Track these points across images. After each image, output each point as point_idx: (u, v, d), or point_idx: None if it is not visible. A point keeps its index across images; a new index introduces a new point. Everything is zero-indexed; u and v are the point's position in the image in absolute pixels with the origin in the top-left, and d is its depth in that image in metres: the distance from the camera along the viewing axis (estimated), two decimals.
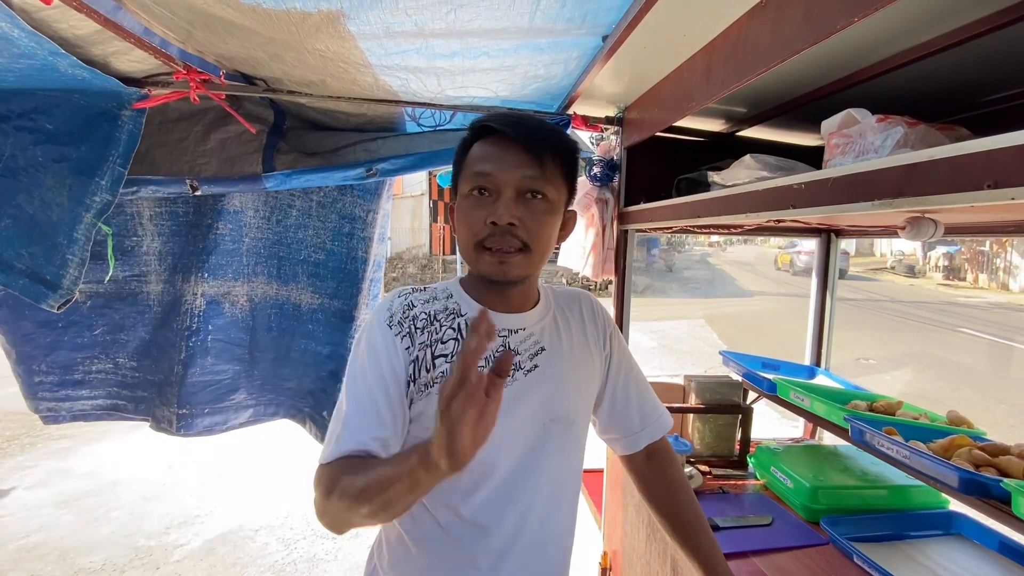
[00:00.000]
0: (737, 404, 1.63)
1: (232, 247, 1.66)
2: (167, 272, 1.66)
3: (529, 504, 0.77)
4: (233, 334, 1.70)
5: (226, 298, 1.68)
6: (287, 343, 1.77)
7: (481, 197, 0.72)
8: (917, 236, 0.81)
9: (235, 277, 1.68)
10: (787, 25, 0.81)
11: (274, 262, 1.74)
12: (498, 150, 0.72)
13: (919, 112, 0.79)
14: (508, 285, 0.76)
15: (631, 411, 0.91)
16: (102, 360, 1.67)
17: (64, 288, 1.23)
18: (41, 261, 1.22)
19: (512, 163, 0.71)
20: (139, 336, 1.68)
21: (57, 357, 1.62)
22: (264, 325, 1.75)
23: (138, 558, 2.54)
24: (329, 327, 1.76)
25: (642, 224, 1.50)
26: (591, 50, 1.17)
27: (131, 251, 1.63)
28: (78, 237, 1.23)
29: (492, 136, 0.73)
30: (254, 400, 1.79)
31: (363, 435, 0.68)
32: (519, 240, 0.71)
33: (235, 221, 1.66)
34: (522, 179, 0.71)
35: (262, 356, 1.77)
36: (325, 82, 1.34)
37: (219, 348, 1.68)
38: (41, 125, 1.24)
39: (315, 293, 1.76)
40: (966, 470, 0.87)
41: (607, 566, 1.73)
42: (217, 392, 1.69)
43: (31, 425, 4.09)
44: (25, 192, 1.22)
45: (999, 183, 0.50)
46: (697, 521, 0.89)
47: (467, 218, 0.73)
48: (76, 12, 0.94)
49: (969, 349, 7.60)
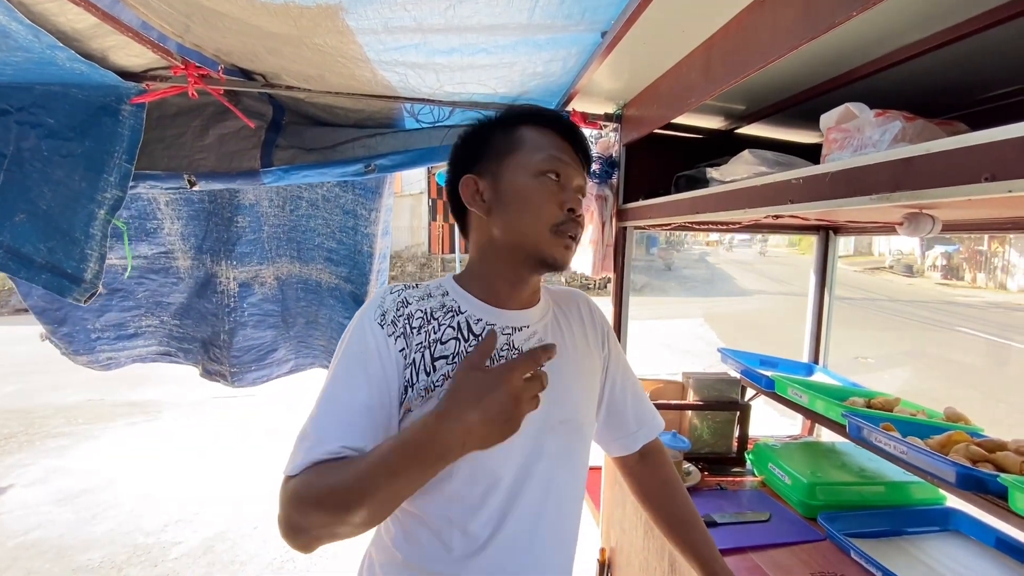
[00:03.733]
0: (735, 401, 1.63)
1: (253, 237, 1.83)
2: (193, 250, 1.82)
3: (540, 515, 0.73)
4: (266, 307, 1.93)
5: (255, 280, 1.88)
6: (315, 311, 1.95)
7: (556, 181, 0.72)
8: (915, 232, 0.82)
9: (260, 262, 1.87)
10: (785, 20, 0.81)
11: (293, 245, 1.89)
12: (563, 142, 0.75)
13: (918, 108, 0.79)
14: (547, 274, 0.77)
15: (627, 413, 0.91)
16: (149, 317, 1.86)
17: (87, 282, 1.25)
18: (60, 256, 1.23)
19: (576, 160, 0.75)
20: (178, 300, 1.87)
21: (109, 318, 1.79)
22: (293, 297, 1.95)
23: (136, 555, 2.54)
24: (346, 304, 1.91)
25: (641, 221, 1.50)
26: (590, 46, 1.17)
27: (155, 232, 1.76)
28: (94, 233, 1.25)
29: (546, 128, 0.75)
30: (293, 355, 2.03)
31: (335, 444, 0.62)
32: (580, 229, 0.74)
33: (252, 213, 1.80)
34: (582, 177, 0.76)
35: (294, 321, 1.98)
36: (324, 77, 1.34)
37: (256, 320, 1.91)
38: (42, 119, 1.23)
39: (332, 274, 1.90)
40: (963, 465, 0.87)
41: (605, 562, 1.73)
42: (260, 353, 1.95)
43: (29, 423, 4.09)
44: (36, 187, 1.23)
45: (996, 176, 0.50)
46: (692, 519, 0.89)
47: (538, 197, 0.71)
48: (74, 5, 0.94)
49: (967, 348, 7.62)
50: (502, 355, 0.73)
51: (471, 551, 0.70)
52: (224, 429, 4.15)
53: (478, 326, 0.72)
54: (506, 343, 0.74)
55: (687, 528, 0.88)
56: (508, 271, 0.74)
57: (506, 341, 0.74)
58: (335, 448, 0.62)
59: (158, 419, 4.32)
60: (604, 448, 0.95)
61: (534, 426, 0.71)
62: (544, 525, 0.74)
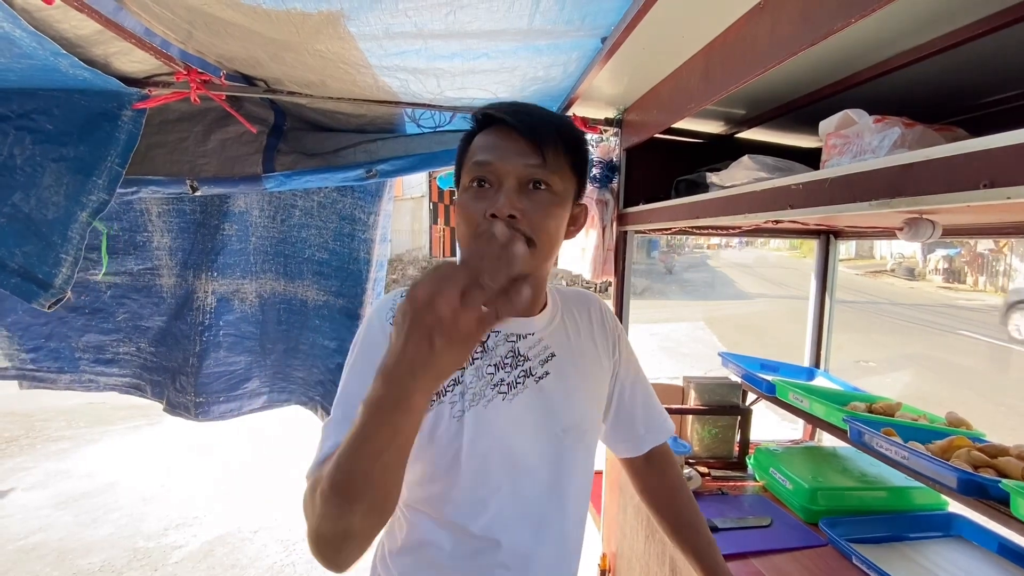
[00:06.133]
0: (736, 405, 1.63)
1: (239, 247, 1.74)
2: (178, 267, 1.74)
3: (543, 518, 0.73)
4: (244, 328, 1.79)
5: (235, 295, 1.76)
6: (296, 336, 1.83)
7: (481, 189, 0.67)
8: (915, 237, 0.82)
9: (243, 275, 1.76)
10: (785, 26, 0.81)
11: (280, 260, 1.80)
12: (499, 139, 0.67)
13: (917, 114, 0.79)
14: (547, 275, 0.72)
15: (636, 416, 0.90)
16: (126, 344, 1.78)
17: (56, 287, 1.23)
18: (34, 260, 1.22)
19: (513, 151, 0.66)
20: (157, 324, 1.78)
21: (90, 339, 1.73)
22: (273, 319, 1.83)
23: (136, 559, 2.53)
24: (335, 323, 1.81)
25: (641, 225, 1.50)
26: (590, 52, 1.17)
27: (143, 246, 1.70)
28: (72, 236, 1.24)
29: (494, 126, 0.69)
30: (267, 388, 1.89)
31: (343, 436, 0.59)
32: (521, 234, 0.65)
33: (241, 221, 1.72)
34: (524, 168, 0.66)
35: (273, 348, 1.84)
36: (325, 83, 1.35)
37: (231, 342, 1.77)
38: (42, 125, 1.24)
39: (320, 290, 1.81)
40: (965, 471, 0.87)
41: (606, 567, 1.73)
42: (231, 381, 1.80)
43: (30, 426, 4.09)
44: (22, 191, 1.22)
45: (995, 182, 0.50)
46: (696, 522, 0.89)
47: (466, 211, 0.67)
48: (77, 12, 0.95)
49: (969, 351, 7.59)
50: (506, 363, 0.73)
51: (479, 552, 0.70)
52: (225, 433, 4.15)
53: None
54: (510, 351, 0.74)
55: (691, 532, 0.88)
56: None
57: (511, 349, 0.74)
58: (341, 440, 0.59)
59: (159, 423, 4.31)
60: (611, 448, 0.96)
61: (538, 431, 0.72)
62: (547, 530, 0.74)
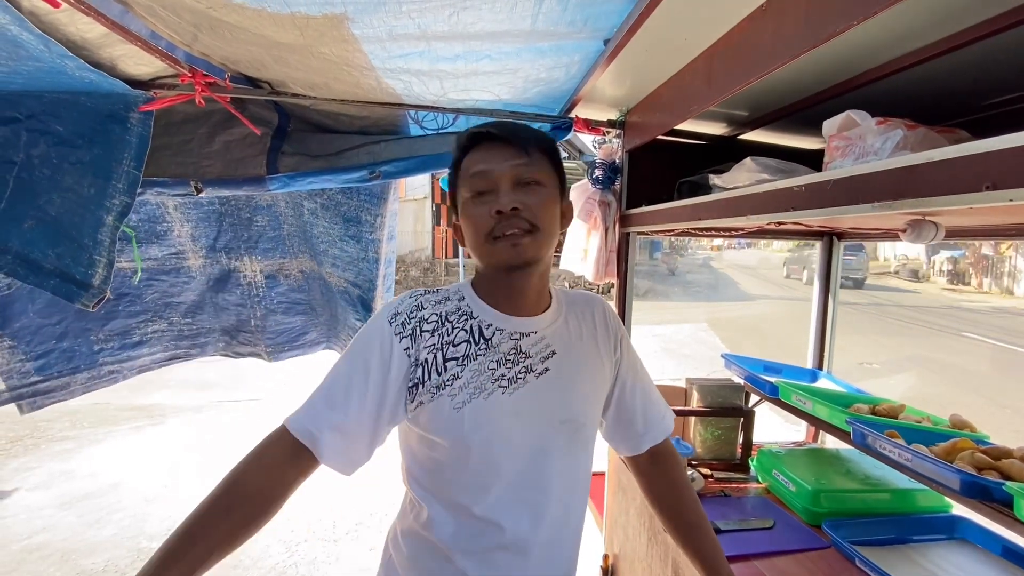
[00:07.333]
0: (739, 407, 1.63)
1: (274, 234, 1.94)
2: (204, 249, 1.88)
3: (541, 504, 0.77)
4: (293, 296, 2.05)
5: (280, 272, 2.01)
6: (336, 304, 2.02)
7: (481, 196, 0.75)
8: (918, 239, 0.82)
9: (283, 256, 1.99)
10: (787, 28, 0.81)
11: (308, 245, 1.96)
12: (488, 152, 0.76)
13: (919, 115, 0.79)
14: (524, 275, 0.77)
15: (636, 416, 0.92)
16: (156, 322, 1.89)
17: (96, 287, 1.26)
18: (69, 261, 1.24)
19: (503, 158, 0.75)
20: (189, 298, 1.93)
21: (114, 326, 1.79)
22: (317, 289, 2.04)
23: (140, 560, 2.54)
24: (356, 306, 1.95)
25: (644, 227, 1.50)
26: (593, 54, 1.18)
27: (164, 234, 1.80)
28: (103, 239, 1.26)
29: (478, 144, 0.77)
30: (325, 337, 2.13)
31: (320, 421, 0.71)
32: (526, 222, 0.73)
33: (270, 213, 1.90)
34: (515, 169, 0.74)
35: (322, 311, 2.08)
36: (329, 85, 1.35)
37: (284, 307, 2.05)
38: (52, 127, 1.25)
39: (340, 278, 1.94)
40: (968, 473, 0.86)
41: (608, 568, 1.73)
42: (291, 336, 2.10)
43: (34, 427, 4.11)
44: (45, 194, 1.24)
45: (997, 184, 0.50)
46: (700, 522, 0.90)
47: (473, 217, 0.75)
48: (84, 15, 0.96)
49: (973, 353, 7.56)
50: (509, 359, 0.76)
51: (482, 532, 0.76)
52: (229, 434, 4.16)
53: (488, 331, 0.77)
54: (513, 348, 0.77)
55: (695, 532, 0.90)
56: (496, 281, 0.80)
57: (513, 346, 0.77)
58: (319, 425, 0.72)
59: (163, 423, 4.33)
60: (613, 447, 0.98)
61: (536, 423, 0.77)
62: (546, 517, 0.78)
